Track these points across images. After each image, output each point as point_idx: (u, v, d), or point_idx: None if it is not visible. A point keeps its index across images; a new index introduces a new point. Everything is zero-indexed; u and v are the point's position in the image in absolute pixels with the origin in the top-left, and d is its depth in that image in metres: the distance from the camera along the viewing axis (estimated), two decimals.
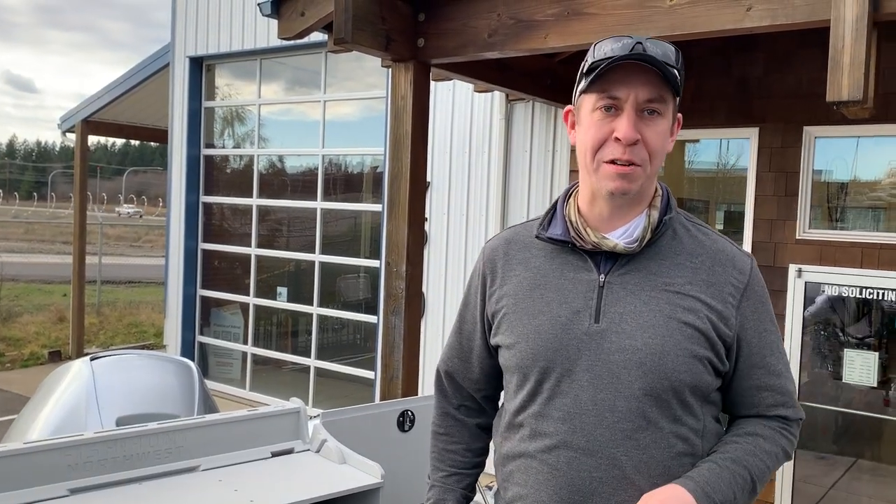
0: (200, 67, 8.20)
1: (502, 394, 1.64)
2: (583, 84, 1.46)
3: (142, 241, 28.46)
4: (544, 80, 4.89)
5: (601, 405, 1.42)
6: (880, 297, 4.28)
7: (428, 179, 6.10)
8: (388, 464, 1.97)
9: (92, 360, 2.83)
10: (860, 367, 4.33)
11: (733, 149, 4.90)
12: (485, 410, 1.73)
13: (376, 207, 6.81)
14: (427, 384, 6.18)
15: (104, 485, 1.74)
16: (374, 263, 6.82)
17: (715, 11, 2.97)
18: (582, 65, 1.48)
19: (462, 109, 6.06)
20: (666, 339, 1.41)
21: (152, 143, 13.49)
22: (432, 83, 4.10)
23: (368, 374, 6.81)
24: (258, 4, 4.01)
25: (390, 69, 3.96)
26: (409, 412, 2.17)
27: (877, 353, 4.31)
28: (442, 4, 3.75)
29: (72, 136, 10.39)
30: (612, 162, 1.42)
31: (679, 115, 1.51)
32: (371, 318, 6.86)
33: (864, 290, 4.32)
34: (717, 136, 4.90)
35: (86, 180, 10.56)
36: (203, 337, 8.36)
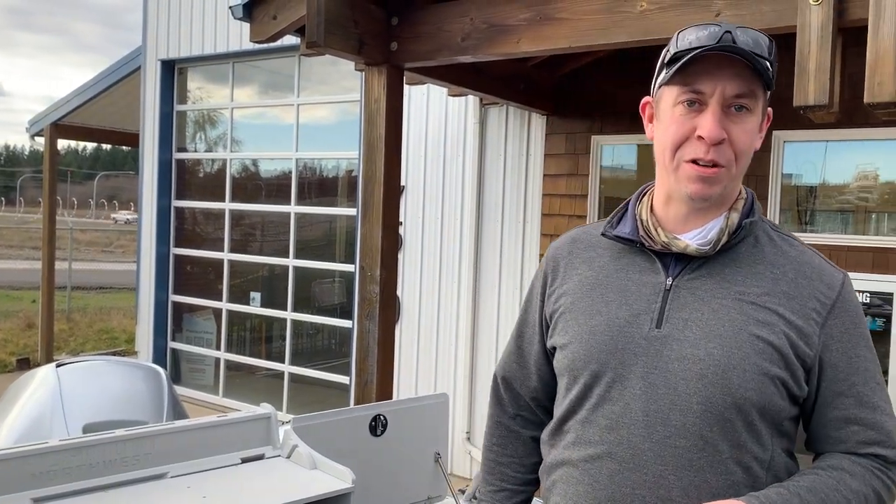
0: (172, 70, 8.12)
1: None
2: (663, 75, 1.33)
3: (113, 245, 28.08)
4: (518, 84, 4.91)
5: (653, 417, 1.29)
6: None
7: (402, 183, 6.09)
8: (360, 469, 1.95)
9: (58, 366, 2.78)
10: None
11: None
12: (542, 422, 1.57)
13: (351, 211, 6.79)
14: (402, 388, 6.17)
15: (69, 493, 1.70)
16: (349, 268, 6.80)
17: (684, 17, 3.00)
18: (663, 54, 1.36)
19: (436, 113, 6.07)
20: (733, 352, 1.27)
21: (124, 147, 13.33)
22: (406, 87, 4.10)
23: (343, 379, 6.78)
24: (230, 8, 3.98)
25: (364, 73, 3.95)
26: (382, 416, 2.15)
27: None
28: (415, 8, 3.75)
29: (41, 140, 10.23)
30: (694, 162, 1.30)
31: (770, 108, 1.39)
32: (346, 323, 6.83)
33: None
34: None
35: (55, 184, 10.39)
36: (175, 343, 8.27)
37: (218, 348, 7.88)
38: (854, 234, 4.46)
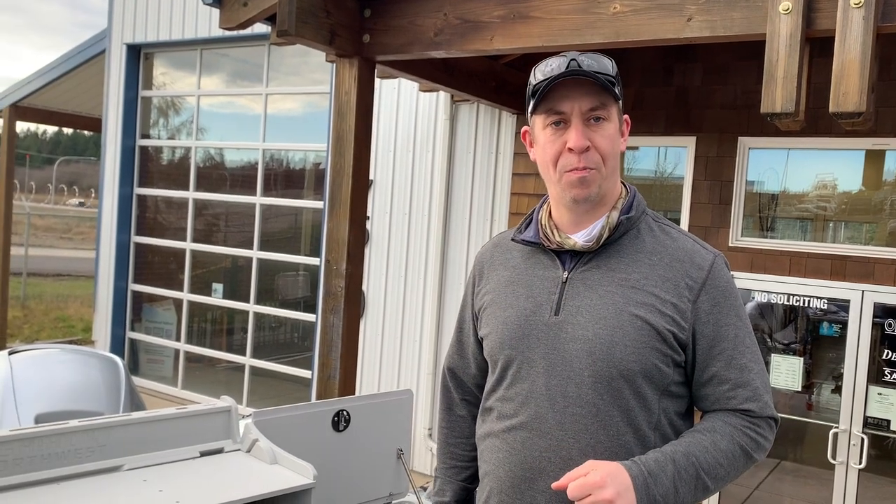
0: (138, 55, 7.95)
1: None
2: (531, 106, 1.60)
3: (72, 232, 27.46)
4: (489, 82, 4.91)
5: (553, 390, 1.53)
6: (806, 305, 4.43)
7: (371, 177, 6.05)
8: (322, 464, 1.93)
9: (11, 354, 2.69)
10: (786, 371, 4.48)
11: (671, 157, 5.01)
12: None
13: (318, 204, 6.73)
14: (365, 384, 6.14)
15: (20, 485, 1.65)
16: (314, 261, 6.73)
17: (657, 21, 3.02)
18: (527, 89, 1.61)
19: (407, 108, 6.04)
20: (615, 331, 1.51)
21: (86, 132, 13.03)
22: (377, 80, 4.06)
23: (305, 373, 6.72)
24: None
25: (335, 64, 3.91)
26: (345, 412, 2.13)
27: (802, 359, 4.47)
28: (388, 1, 3.72)
29: None
30: (571, 171, 1.55)
31: (626, 116, 1.64)
32: (309, 317, 6.77)
33: (791, 297, 4.47)
34: (656, 143, 5.00)
35: (12, 168, 10.12)
36: (134, 333, 8.12)
37: (178, 339, 7.75)
38: (813, 241, 4.55)
